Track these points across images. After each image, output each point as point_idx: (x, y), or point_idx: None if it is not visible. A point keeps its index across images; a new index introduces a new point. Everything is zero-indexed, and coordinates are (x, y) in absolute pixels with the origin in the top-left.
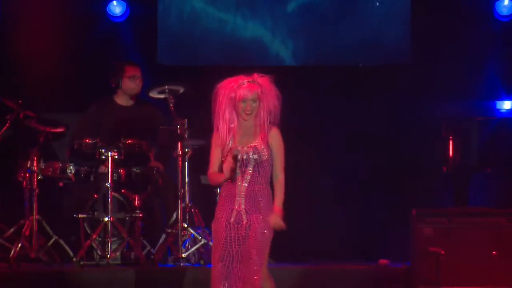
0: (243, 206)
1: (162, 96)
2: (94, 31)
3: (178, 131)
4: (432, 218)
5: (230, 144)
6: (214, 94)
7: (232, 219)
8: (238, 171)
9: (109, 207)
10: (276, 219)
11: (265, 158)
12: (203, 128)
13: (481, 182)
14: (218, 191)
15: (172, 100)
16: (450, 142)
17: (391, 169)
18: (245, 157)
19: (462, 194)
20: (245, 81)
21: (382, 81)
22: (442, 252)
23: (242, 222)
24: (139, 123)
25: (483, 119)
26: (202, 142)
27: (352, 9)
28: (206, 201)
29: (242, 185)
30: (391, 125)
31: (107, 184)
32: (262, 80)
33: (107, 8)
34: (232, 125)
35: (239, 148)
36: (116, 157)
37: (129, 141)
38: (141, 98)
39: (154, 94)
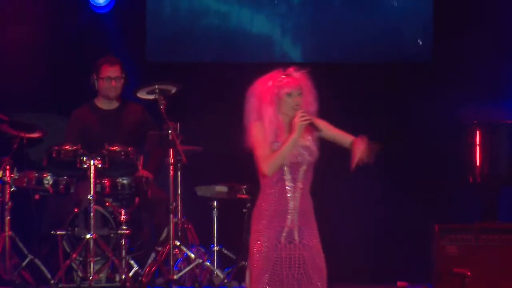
0: (296, 223)
1: (151, 97)
2: (73, 23)
3: (170, 136)
4: (456, 235)
5: (276, 146)
6: (252, 93)
7: (283, 239)
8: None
9: (92, 222)
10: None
11: (315, 158)
12: (198, 133)
13: None
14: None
15: (163, 102)
16: (477, 149)
17: (410, 179)
18: (299, 159)
19: (490, 208)
20: (283, 75)
21: (401, 81)
22: (468, 273)
23: (295, 241)
24: (124, 127)
25: None
26: (197, 148)
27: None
28: (201, 215)
29: (295, 197)
30: (410, 129)
31: (89, 197)
32: (300, 75)
33: None
34: (278, 126)
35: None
36: (100, 165)
37: (114, 147)
38: (127, 99)
39: (142, 95)
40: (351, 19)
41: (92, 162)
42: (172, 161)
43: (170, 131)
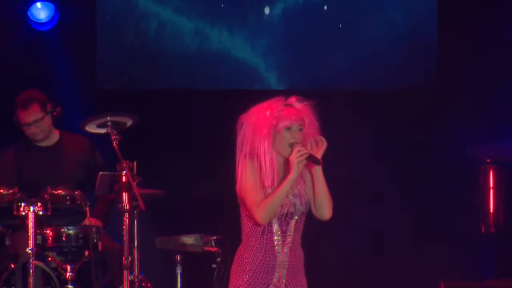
0: (283, 280)
1: (103, 130)
2: (8, 43)
3: (124, 178)
4: None
5: (271, 191)
6: (242, 124)
7: None
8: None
9: (31, 280)
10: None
11: (307, 209)
12: (159, 173)
13: None
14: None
15: (117, 137)
16: (491, 193)
17: (411, 226)
18: (291, 210)
19: (505, 263)
20: (283, 105)
21: (401, 111)
22: None
23: None
24: (68, 167)
25: None
26: (157, 192)
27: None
28: (162, 272)
29: (283, 251)
30: (412, 168)
31: (28, 250)
32: (303, 106)
33: (28, 12)
34: (274, 164)
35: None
36: (41, 212)
37: (58, 191)
38: (70, 129)
39: (92, 129)
40: (347, 42)
41: (31, 208)
42: (127, 208)
43: (124, 172)
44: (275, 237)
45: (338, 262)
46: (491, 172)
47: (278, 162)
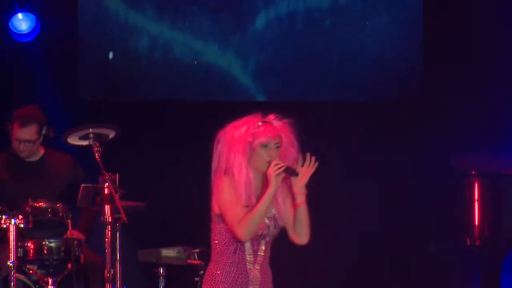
0: None
1: (84, 142)
2: None
3: (107, 190)
4: None
5: (248, 208)
6: (221, 138)
7: None
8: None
9: None
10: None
11: (278, 232)
12: (141, 186)
13: None
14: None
15: (99, 149)
16: (476, 206)
17: (395, 238)
18: (264, 232)
19: (491, 279)
20: (261, 122)
21: (385, 123)
22: None
23: None
24: (50, 184)
25: None
26: (139, 205)
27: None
28: (144, 284)
29: (255, 268)
30: (396, 179)
31: (9, 263)
32: (281, 124)
33: (9, 23)
34: (250, 181)
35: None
36: (22, 225)
37: (40, 203)
38: (53, 146)
39: (74, 141)
40: (332, 54)
41: (12, 221)
42: (109, 220)
43: (107, 184)
44: (247, 256)
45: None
46: (476, 185)
47: (255, 178)
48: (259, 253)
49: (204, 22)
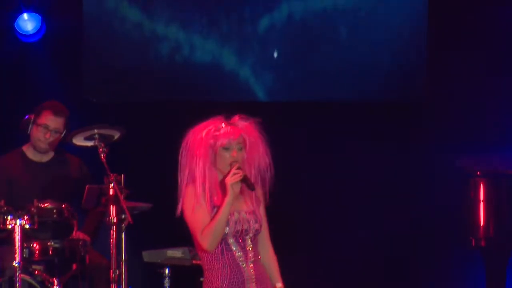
0: None
1: (90, 143)
2: None
3: (112, 190)
4: None
5: (214, 212)
6: (184, 145)
7: None
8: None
9: None
10: None
11: (261, 226)
12: (147, 186)
13: None
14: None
15: (104, 149)
16: (481, 206)
17: (398, 240)
18: (245, 227)
19: (497, 280)
20: (223, 123)
21: (388, 124)
22: None
23: None
24: (59, 184)
25: None
26: (145, 205)
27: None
28: (150, 285)
29: (248, 266)
30: (398, 180)
31: (15, 264)
32: (245, 125)
33: (15, 24)
34: (214, 186)
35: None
36: (27, 226)
37: (45, 204)
38: (64, 149)
39: (79, 142)
40: (333, 54)
41: (18, 221)
42: (114, 221)
43: (112, 185)
44: (237, 254)
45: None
46: (481, 185)
47: (221, 183)
48: (247, 249)
49: (204, 21)
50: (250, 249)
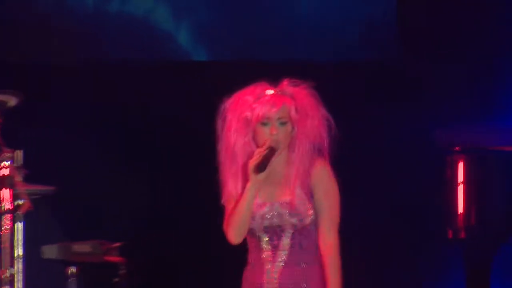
0: None
1: None
2: None
3: (7, 170)
4: None
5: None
6: (220, 116)
7: None
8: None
9: None
10: None
11: (309, 221)
12: (50, 165)
13: None
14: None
15: None
16: (460, 189)
17: (360, 228)
18: (276, 221)
19: (479, 276)
20: (267, 91)
21: (353, 87)
22: None
23: None
24: None
25: None
26: (47, 188)
27: None
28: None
29: (274, 268)
30: (364, 157)
31: None
32: (297, 91)
33: None
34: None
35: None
36: None
37: None
38: None
39: None
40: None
41: None
42: (10, 207)
43: (7, 163)
44: (265, 253)
45: None
46: (460, 163)
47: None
48: (280, 249)
49: None
50: (285, 249)
